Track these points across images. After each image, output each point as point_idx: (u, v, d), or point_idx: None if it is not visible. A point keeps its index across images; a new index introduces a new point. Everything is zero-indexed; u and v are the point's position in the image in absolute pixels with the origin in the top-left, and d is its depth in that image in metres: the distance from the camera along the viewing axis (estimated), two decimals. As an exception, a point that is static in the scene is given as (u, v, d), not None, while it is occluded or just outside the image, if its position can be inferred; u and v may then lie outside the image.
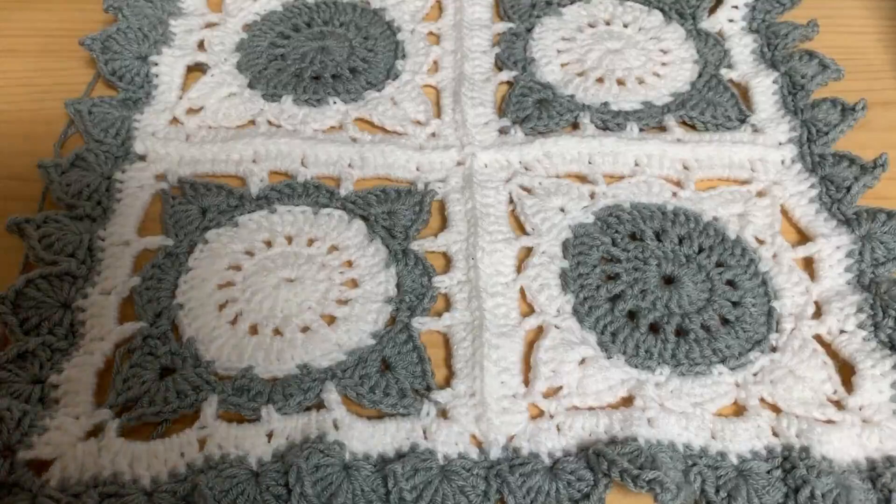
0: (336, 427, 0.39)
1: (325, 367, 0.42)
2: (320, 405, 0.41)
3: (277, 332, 0.43)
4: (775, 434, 0.40)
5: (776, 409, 0.41)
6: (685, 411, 0.40)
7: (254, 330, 0.43)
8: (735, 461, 0.39)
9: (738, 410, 0.41)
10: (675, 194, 0.50)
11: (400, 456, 0.39)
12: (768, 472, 0.38)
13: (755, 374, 0.42)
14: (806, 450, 0.38)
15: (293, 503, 0.36)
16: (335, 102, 0.55)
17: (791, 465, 0.38)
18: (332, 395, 0.41)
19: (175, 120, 0.54)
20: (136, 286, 0.45)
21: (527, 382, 0.42)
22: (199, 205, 0.49)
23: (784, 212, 0.49)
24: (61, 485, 0.37)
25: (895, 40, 0.59)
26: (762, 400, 0.41)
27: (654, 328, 0.44)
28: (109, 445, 0.38)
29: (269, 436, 0.39)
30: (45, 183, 0.49)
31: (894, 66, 0.58)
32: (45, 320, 0.43)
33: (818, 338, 0.43)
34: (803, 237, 0.48)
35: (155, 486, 0.38)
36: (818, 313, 0.44)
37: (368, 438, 0.39)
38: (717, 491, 0.37)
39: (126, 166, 0.51)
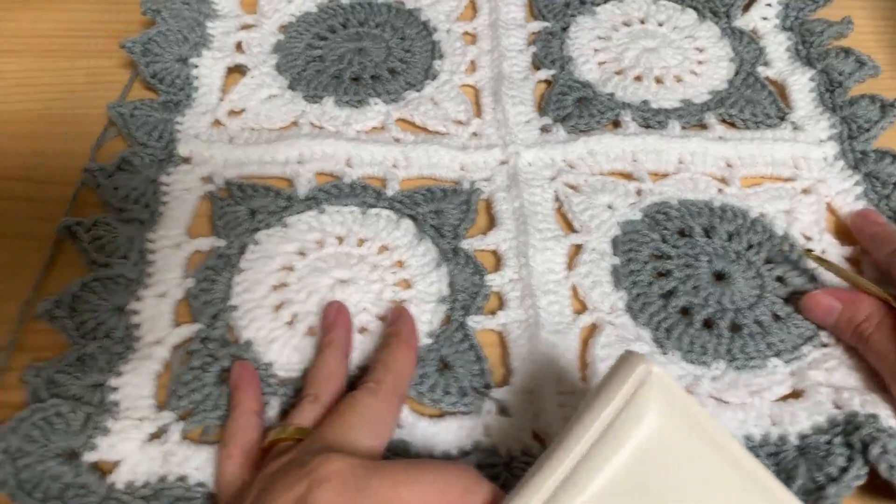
0: (399, 426, 0.39)
1: (384, 366, 0.42)
2: (383, 405, 0.41)
3: (335, 333, 0.43)
4: (837, 406, 0.39)
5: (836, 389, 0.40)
6: (743, 402, 0.40)
7: (312, 331, 0.43)
8: (796, 442, 0.38)
9: (797, 395, 0.41)
10: (720, 191, 0.50)
11: (464, 454, 0.39)
12: (828, 442, 0.38)
13: (810, 364, 0.42)
14: (874, 417, 0.38)
15: None
16: (376, 103, 0.55)
17: (855, 426, 0.37)
18: (393, 395, 0.41)
19: (217, 122, 0.54)
20: (191, 288, 0.45)
21: (584, 379, 0.42)
22: (248, 206, 0.49)
23: (831, 209, 0.49)
24: (128, 487, 0.38)
25: (894, 40, 0.60)
26: (820, 383, 0.41)
27: (708, 324, 0.44)
28: (173, 448, 0.38)
29: (334, 436, 0.39)
30: (76, 186, 0.48)
31: (894, 66, 0.58)
32: (100, 324, 0.43)
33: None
34: (851, 235, 0.48)
35: (224, 489, 0.38)
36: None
37: (432, 437, 0.39)
38: (777, 475, 0.37)
39: (171, 169, 0.50)
